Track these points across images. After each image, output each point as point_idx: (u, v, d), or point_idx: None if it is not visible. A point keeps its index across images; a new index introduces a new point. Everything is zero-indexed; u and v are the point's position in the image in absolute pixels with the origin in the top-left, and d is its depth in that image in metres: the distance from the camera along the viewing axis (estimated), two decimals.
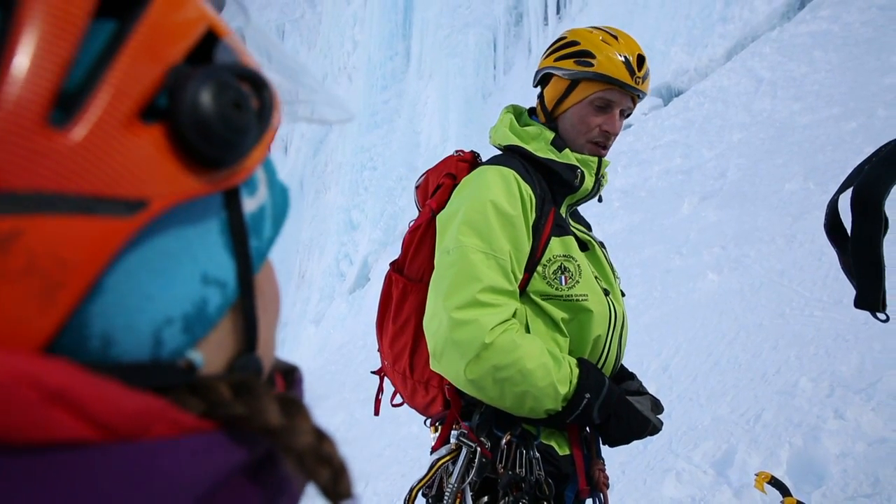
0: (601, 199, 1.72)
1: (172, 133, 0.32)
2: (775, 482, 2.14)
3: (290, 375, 0.46)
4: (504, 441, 1.49)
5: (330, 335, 16.89)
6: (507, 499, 1.44)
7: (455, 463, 1.49)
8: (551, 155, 1.58)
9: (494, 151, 1.68)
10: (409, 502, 1.52)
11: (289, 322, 21.29)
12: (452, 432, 1.55)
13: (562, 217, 1.59)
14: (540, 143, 1.60)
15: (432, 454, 1.56)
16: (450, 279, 1.44)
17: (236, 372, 0.38)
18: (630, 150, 11.34)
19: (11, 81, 0.28)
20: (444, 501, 1.45)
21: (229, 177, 0.35)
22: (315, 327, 18.56)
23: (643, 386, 1.70)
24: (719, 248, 6.37)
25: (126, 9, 0.32)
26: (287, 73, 0.43)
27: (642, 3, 16.63)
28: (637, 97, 1.61)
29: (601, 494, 1.59)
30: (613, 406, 1.49)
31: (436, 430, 1.64)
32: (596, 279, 1.59)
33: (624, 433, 1.54)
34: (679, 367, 4.58)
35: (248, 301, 0.38)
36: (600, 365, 1.58)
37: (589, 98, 1.58)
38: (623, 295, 1.72)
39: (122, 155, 0.31)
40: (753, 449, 3.25)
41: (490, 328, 1.39)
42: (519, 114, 1.71)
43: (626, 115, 1.64)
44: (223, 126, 0.33)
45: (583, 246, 1.61)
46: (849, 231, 1.38)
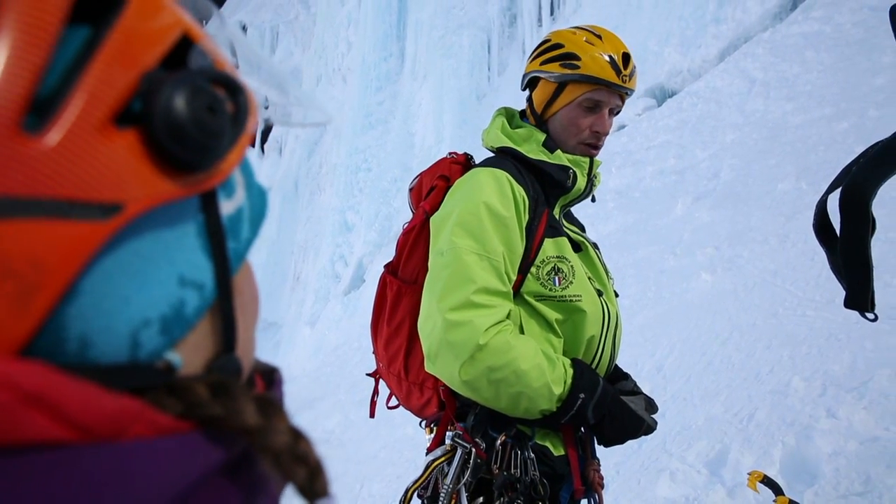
0: (594, 199, 1.73)
1: (147, 137, 0.33)
2: (768, 481, 2.16)
3: (270, 376, 0.46)
4: (499, 442, 1.49)
5: (325, 337, 16.86)
6: (502, 499, 1.44)
7: (450, 464, 1.50)
8: (543, 156, 1.59)
9: (488, 153, 1.69)
10: (405, 503, 1.53)
11: (284, 324, 21.25)
12: (447, 433, 1.55)
13: (555, 218, 1.60)
14: (531, 145, 1.61)
15: (427, 455, 1.57)
16: (444, 281, 1.44)
17: (215, 373, 0.38)
18: (624, 151, 11.37)
19: None
20: (440, 502, 1.45)
21: (205, 180, 0.35)
22: (310, 329, 18.52)
23: (637, 386, 1.71)
24: (713, 249, 6.39)
25: (100, 15, 0.32)
26: (265, 78, 0.43)
27: (636, 4, 16.67)
28: (625, 95, 1.62)
29: (596, 495, 1.60)
30: (608, 406, 1.50)
31: (431, 431, 1.64)
32: (589, 280, 1.60)
33: (618, 433, 1.54)
34: (673, 367, 4.60)
35: (226, 302, 0.39)
36: (594, 365, 1.59)
37: (577, 100, 1.59)
38: (616, 295, 1.73)
39: (97, 159, 0.31)
40: (747, 448, 3.26)
41: (484, 329, 1.40)
42: (511, 116, 1.72)
43: (615, 113, 1.65)
44: (197, 130, 0.33)
45: (576, 247, 1.62)
46: (837, 231, 1.39)
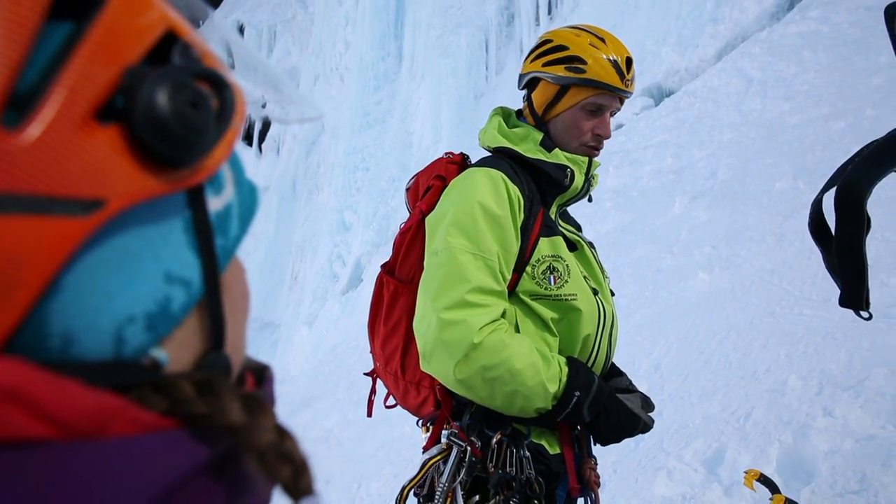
0: (591, 198, 1.73)
1: (129, 133, 0.32)
2: (765, 480, 2.16)
3: (261, 374, 0.46)
4: (494, 440, 1.50)
5: (323, 336, 16.84)
6: (497, 498, 1.45)
7: (446, 462, 1.50)
8: (540, 155, 1.59)
9: (485, 153, 1.69)
10: (401, 502, 1.53)
11: (281, 323, 21.22)
12: (443, 432, 1.56)
13: (550, 218, 1.60)
14: (529, 144, 1.61)
15: (423, 454, 1.57)
16: (438, 280, 1.45)
17: (203, 370, 0.38)
18: (621, 150, 11.37)
19: None
20: (436, 501, 1.46)
21: (190, 176, 0.35)
22: (308, 328, 18.50)
23: (633, 384, 1.71)
24: (710, 248, 6.40)
25: (83, 10, 0.32)
26: (260, 77, 0.43)
27: (633, 4, 16.68)
28: (625, 97, 1.62)
29: (592, 493, 1.60)
30: (603, 403, 1.50)
31: (427, 430, 1.65)
32: (585, 279, 1.60)
33: (614, 431, 1.55)
34: (670, 365, 4.61)
35: (214, 299, 0.38)
36: (590, 364, 1.59)
37: (581, 103, 1.59)
38: (612, 294, 1.74)
39: (77, 155, 0.31)
40: (743, 447, 3.27)
41: (478, 328, 1.40)
42: (507, 116, 1.72)
43: (612, 115, 1.66)
44: (180, 125, 0.33)
45: (571, 246, 1.63)
46: (833, 230, 1.39)
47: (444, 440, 1.55)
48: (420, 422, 1.70)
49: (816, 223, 1.45)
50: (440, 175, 1.66)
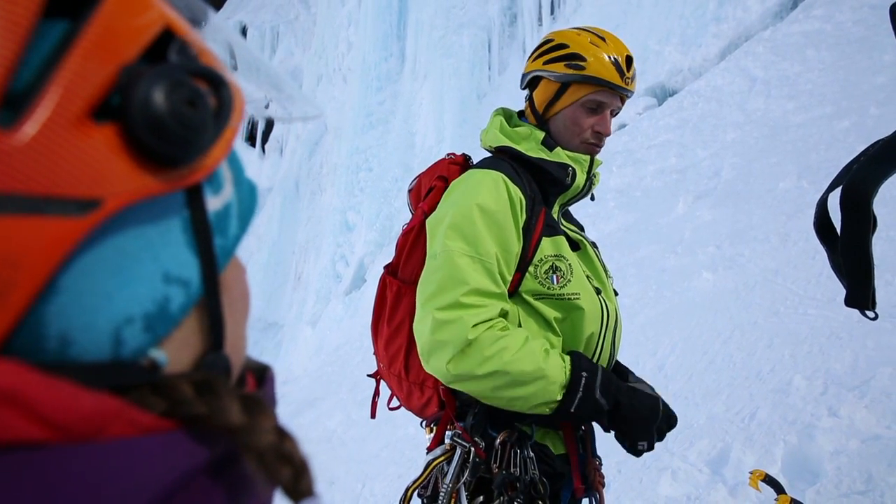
0: (593, 198, 1.73)
1: (126, 132, 0.32)
2: (770, 480, 2.16)
3: (262, 375, 0.46)
4: (498, 441, 1.49)
5: (326, 337, 16.85)
6: (501, 498, 1.44)
7: (450, 463, 1.50)
8: (542, 154, 1.59)
9: (487, 154, 1.69)
10: (405, 502, 1.53)
11: (285, 324, 21.24)
12: (447, 433, 1.56)
13: (552, 217, 1.60)
14: (531, 143, 1.61)
15: (427, 455, 1.57)
16: (436, 283, 1.45)
17: (202, 370, 0.38)
18: (625, 150, 11.35)
19: None
20: (439, 501, 1.46)
21: (187, 175, 0.35)
22: (311, 329, 18.51)
23: (640, 378, 1.71)
24: (714, 247, 6.39)
25: (79, 8, 0.32)
26: (262, 78, 0.43)
27: (636, 3, 16.65)
28: (626, 97, 1.62)
29: (597, 494, 1.60)
30: (615, 388, 1.48)
31: (431, 431, 1.64)
32: (588, 278, 1.60)
33: (638, 415, 1.50)
34: (674, 365, 4.60)
35: (213, 299, 0.38)
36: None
37: (581, 101, 1.59)
38: (616, 294, 1.73)
39: (73, 154, 0.30)
40: (748, 447, 3.26)
41: (472, 325, 1.40)
42: (509, 116, 1.72)
43: (614, 115, 1.66)
44: (177, 124, 0.33)
45: (574, 245, 1.62)
46: (838, 230, 1.39)
47: (447, 441, 1.54)
48: (424, 423, 1.70)
49: (822, 222, 1.45)
50: (442, 176, 1.66)
